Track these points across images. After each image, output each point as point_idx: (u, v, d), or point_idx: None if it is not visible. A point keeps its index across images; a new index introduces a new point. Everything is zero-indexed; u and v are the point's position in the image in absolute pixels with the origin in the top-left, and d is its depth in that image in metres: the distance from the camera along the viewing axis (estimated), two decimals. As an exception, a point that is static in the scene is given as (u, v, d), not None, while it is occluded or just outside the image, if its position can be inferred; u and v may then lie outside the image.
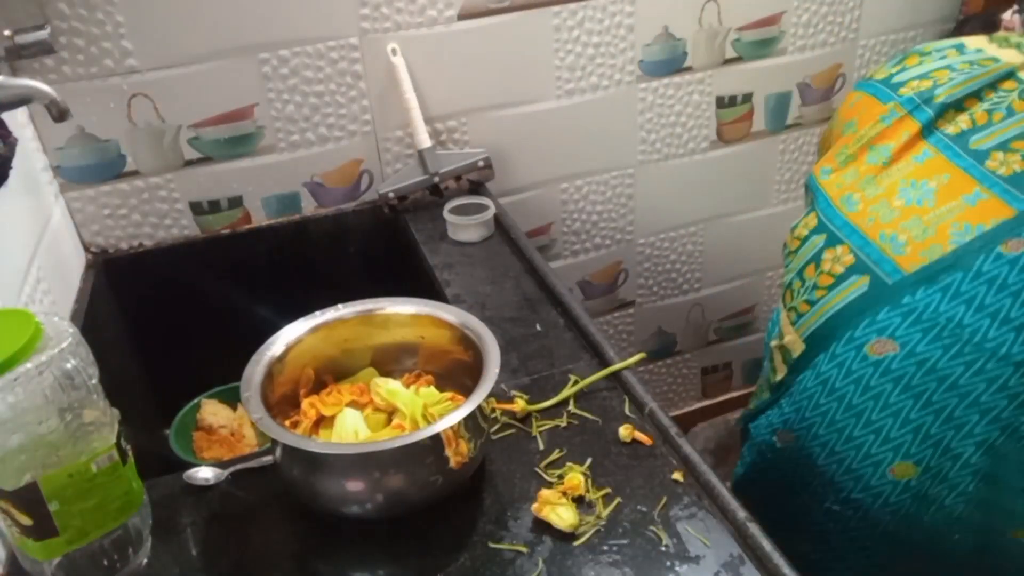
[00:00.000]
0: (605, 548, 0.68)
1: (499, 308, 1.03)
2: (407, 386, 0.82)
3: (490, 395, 0.72)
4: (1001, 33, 0.93)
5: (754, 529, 0.67)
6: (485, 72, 1.31)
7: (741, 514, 0.68)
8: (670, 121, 1.48)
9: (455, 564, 0.68)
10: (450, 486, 0.72)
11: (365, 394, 0.81)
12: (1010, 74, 0.86)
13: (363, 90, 1.25)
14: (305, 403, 0.79)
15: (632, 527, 0.70)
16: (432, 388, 0.82)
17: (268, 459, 0.76)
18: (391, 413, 0.79)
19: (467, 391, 0.73)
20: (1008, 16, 1.43)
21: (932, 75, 0.91)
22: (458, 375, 0.81)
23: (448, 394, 0.80)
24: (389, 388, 0.80)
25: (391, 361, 0.86)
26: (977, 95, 0.86)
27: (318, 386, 0.83)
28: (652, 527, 0.69)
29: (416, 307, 0.84)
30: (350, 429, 0.76)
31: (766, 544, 0.65)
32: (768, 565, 0.64)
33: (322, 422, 0.79)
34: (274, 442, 0.70)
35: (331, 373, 0.84)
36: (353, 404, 0.80)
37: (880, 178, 0.88)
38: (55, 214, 1.12)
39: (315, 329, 0.82)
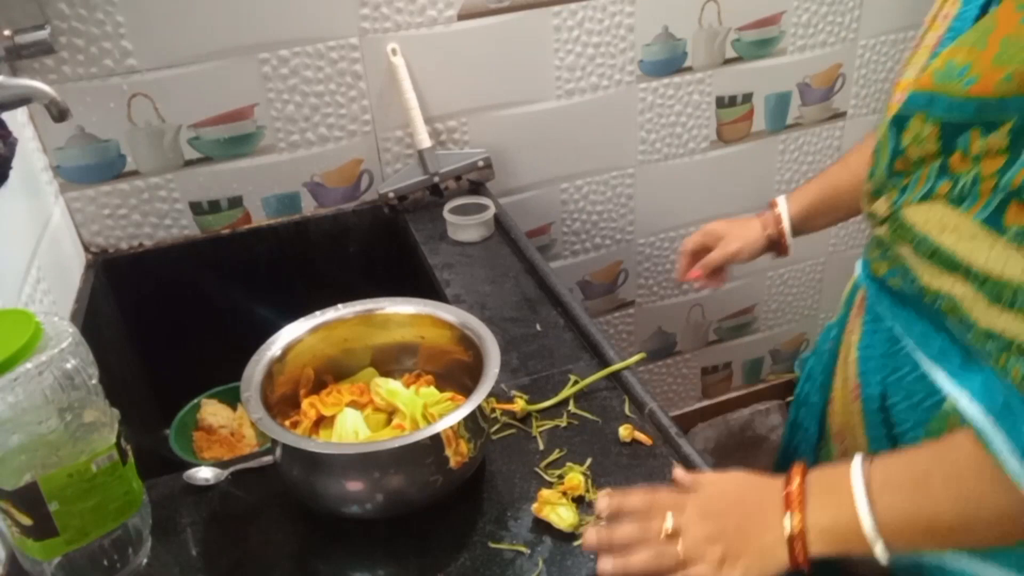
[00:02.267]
0: (605, 548, 0.68)
1: (499, 308, 1.03)
2: (407, 386, 0.82)
3: (490, 395, 0.72)
4: None
5: (754, 529, 0.67)
6: (485, 72, 1.31)
7: (741, 514, 0.68)
8: (670, 121, 1.48)
9: (455, 564, 0.68)
10: (450, 486, 0.72)
11: (365, 394, 0.81)
12: None
13: (363, 90, 1.25)
14: (305, 403, 0.79)
15: (632, 527, 0.70)
16: (432, 388, 0.82)
17: (268, 459, 0.76)
18: (391, 413, 0.79)
19: (467, 391, 0.73)
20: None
21: None
22: (458, 375, 0.81)
23: (448, 394, 0.80)
24: (389, 388, 0.80)
25: (391, 361, 0.86)
26: None
27: (318, 386, 0.83)
28: (652, 527, 0.69)
29: (416, 307, 0.84)
30: (350, 429, 0.76)
31: (766, 544, 0.65)
32: (768, 565, 0.64)
33: (322, 422, 0.79)
34: (274, 442, 0.70)
35: (331, 373, 0.84)
36: (353, 404, 0.80)
37: None
38: (55, 214, 1.12)
39: (315, 329, 0.82)
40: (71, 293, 1.10)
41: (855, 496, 0.58)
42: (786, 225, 0.99)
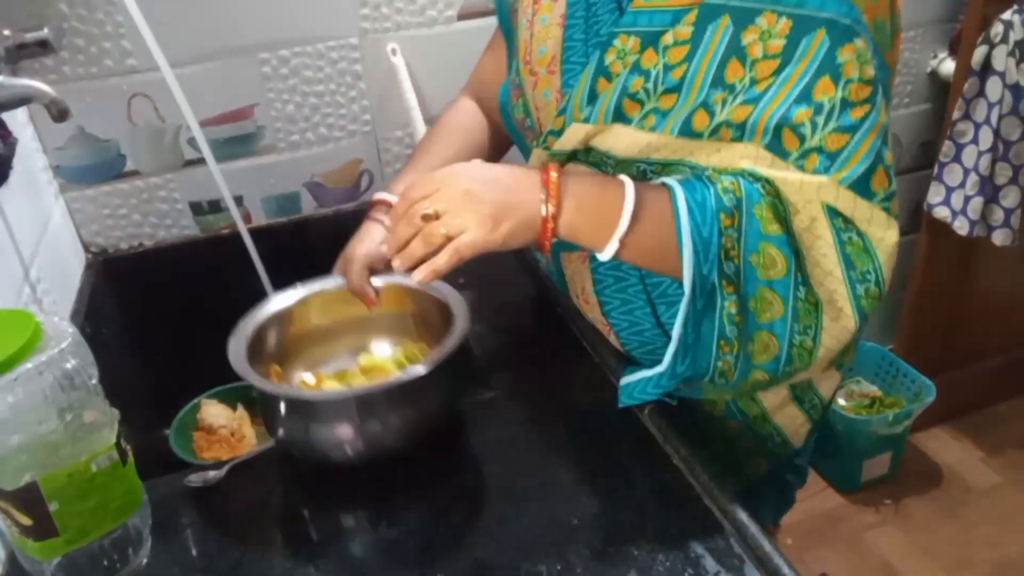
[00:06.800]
0: (606, 550, 0.68)
1: (499, 308, 1.03)
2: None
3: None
4: None
5: (754, 529, 0.67)
6: (485, 72, 1.31)
7: (742, 514, 0.68)
8: (670, 121, 1.48)
9: (455, 564, 0.68)
10: (432, 426, 0.77)
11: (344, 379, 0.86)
12: None
13: (363, 90, 1.25)
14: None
15: (632, 527, 0.70)
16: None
17: (269, 443, 0.76)
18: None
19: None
20: (1008, 16, 1.43)
21: None
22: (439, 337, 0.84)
23: (422, 345, 0.86)
24: (372, 358, 0.86)
25: (376, 330, 0.91)
26: None
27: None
28: (652, 527, 0.69)
29: (382, 280, 0.88)
30: None
31: (766, 544, 0.65)
32: (768, 565, 0.64)
33: None
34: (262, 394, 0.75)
35: (310, 346, 0.89)
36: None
37: None
38: (55, 214, 1.12)
39: (303, 300, 0.88)
40: (71, 293, 1.10)
41: (625, 204, 0.69)
42: None
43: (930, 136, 1.73)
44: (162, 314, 1.24)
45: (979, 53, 1.46)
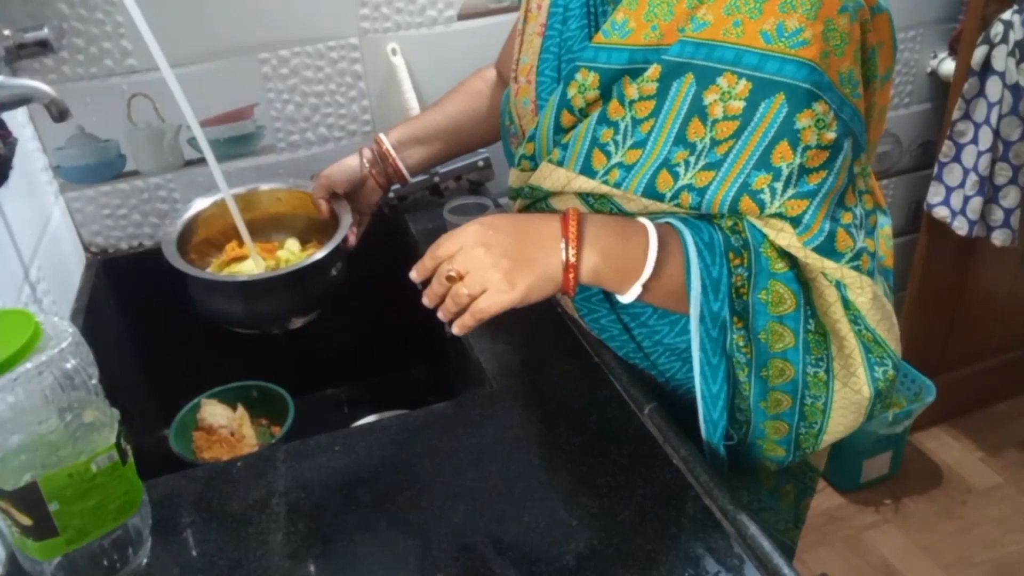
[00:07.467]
0: (606, 550, 0.68)
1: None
2: (303, 244, 1.09)
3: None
4: None
5: (754, 529, 0.67)
6: (485, 72, 1.31)
7: (741, 514, 0.68)
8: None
9: (455, 564, 0.68)
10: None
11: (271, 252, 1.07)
12: None
13: (363, 90, 1.25)
14: (228, 247, 1.08)
15: (632, 527, 0.70)
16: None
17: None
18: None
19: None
20: (1008, 16, 1.44)
21: None
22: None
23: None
24: (291, 250, 1.07)
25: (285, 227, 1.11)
26: None
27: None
28: (652, 527, 0.69)
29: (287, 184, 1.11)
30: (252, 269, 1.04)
31: (766, 544, 0.65)
32: (768, 565, 0.64)
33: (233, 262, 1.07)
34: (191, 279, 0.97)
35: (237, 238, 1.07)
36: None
37: None
38: (55, 214, 1.12)
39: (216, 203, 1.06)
40: (71, 293, 1.10)
41: (649, 250, 0.68)
42: (388, 146, 1.06)
43: (930, 136, 1.73)
44: (162, 314, 1.24)
45: (979, 53, 1.46)
